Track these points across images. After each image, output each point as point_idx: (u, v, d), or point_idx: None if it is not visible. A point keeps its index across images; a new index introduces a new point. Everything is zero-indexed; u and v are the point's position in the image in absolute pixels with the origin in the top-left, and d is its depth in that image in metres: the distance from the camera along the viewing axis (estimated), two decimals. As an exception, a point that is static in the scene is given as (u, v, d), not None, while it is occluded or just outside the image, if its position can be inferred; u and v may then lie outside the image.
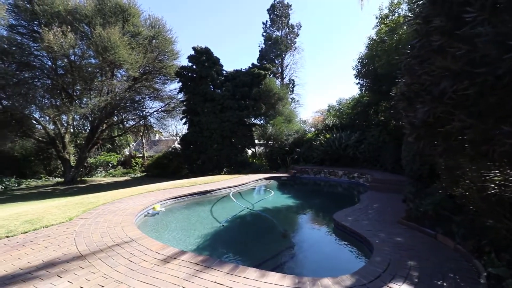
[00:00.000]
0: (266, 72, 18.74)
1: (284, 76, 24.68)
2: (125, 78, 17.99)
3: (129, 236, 4.39)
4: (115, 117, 20.83)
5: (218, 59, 19.17)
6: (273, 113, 18.53)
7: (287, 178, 12.99)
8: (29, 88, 14.86)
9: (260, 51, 23.63)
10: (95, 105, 15.20)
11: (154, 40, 18.45)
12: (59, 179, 19.97)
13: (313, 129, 18.53)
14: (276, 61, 23.84)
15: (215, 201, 8.21)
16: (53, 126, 18.69)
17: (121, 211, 6.04)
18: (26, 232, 4.54)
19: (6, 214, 5.58)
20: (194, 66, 18.43)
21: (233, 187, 9.74)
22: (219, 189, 9.24)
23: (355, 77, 13.20)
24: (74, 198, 8.25)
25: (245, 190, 10.06)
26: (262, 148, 20.65)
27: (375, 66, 10.82)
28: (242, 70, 19.82)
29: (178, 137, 33.47)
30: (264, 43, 24.03)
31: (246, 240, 5.33)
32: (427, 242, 4.29)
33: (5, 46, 13.42)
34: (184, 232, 5.41)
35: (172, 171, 19.05)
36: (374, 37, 11.55)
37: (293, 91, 24.01)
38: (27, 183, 18.32)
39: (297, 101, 23.82)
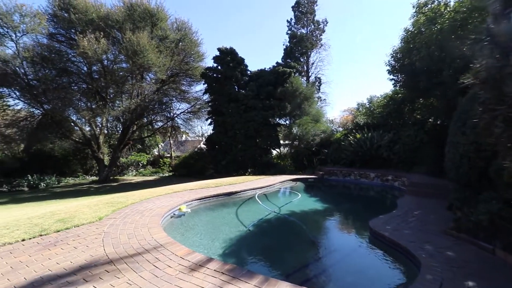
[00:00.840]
0: (291, 70, 18.30)
1: (310, 74, 24.01)
2: (153, 81, 18.61)
3: (155, 239, 4.31)
4: (145, 119, 21.64)
5: (242, 59, 19.11)
6: (299, 113, 18.04)
7: (314, 180, 12.49)
8: (67, 92, 15.89)
9: (284, 49, 23.21)
10: (126, 107, 15.86)
11: (180, 43, 18.89)
12: (94, 178, 21.16)
13: (341, 129, 17.75)
14: (302, 59, 23.26)
15: (241, 203, 8.02)
16: (89, 128, 19.86)
17: (148, 212, 6.06)
18: (58, 231, 4.65)
19: (42, 212, 5.83)
20: (219, 67, 18.53)
21: (258, 188, 9.51)
22: (245, 191, 9.06)
23: (388, 73, 12.32)
24: (106, 197, 8.53)
25: (271, 192, 9.78)
26: (287, 148, 20.23)
27: (412, 60, 9.95)
28: (266, 69, 19.59)
29: (203, 138, 34.18)
30: (288, 41, 23.57)
31: (273, 246, 5.04)
32: (484, 258, 3.70)
33: (46, 53, 14.42)
34: (210, 235, 5.26)
35: (198, 171, 19.32)
36: (411, 29, 10.65)
37: (319, 89, 23.26)
38: (66, 181, 19.64)
39: (324, 100, 23.07)
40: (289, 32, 23.72)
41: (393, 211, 6.14)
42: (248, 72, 19.60)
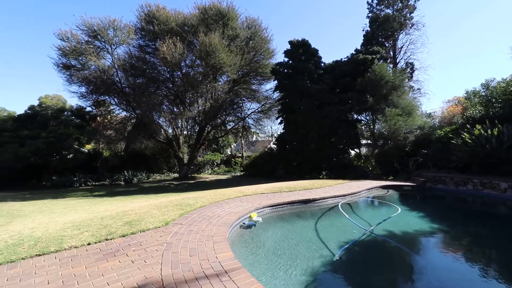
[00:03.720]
0: (374, 57, 15.60)
1: (398, 60, 20.25)
2: (225, 82, 18.89)
3: (219, 261, 3.42)
4: (218, 120, 22.32)
5: (316, 50, 17.46)
6: (384, 106, 15.20)
7: (413, 189, 9.92)
8: (153, 97, 17.50)
9: (364, 35, 20.26)
10: (200, 110, 16.45)
11: (250, 41, 18.58)
12: (175, 175, 23.03)
13: (443, 124, 14.07)
14: (386, 44, 19.84)
15: (320, 213, 6.62)
16: (171, 130, 21.66)
17: (216, 219, 5.35)
18: (124, 236, 4.32)
19: (116, 212, 5.82)
20: (290, 61, 17.36)
21: (340, 196, 7.88)
22: (324, 198, 7.58)
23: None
24: (179, 197, 8.45)
25: (356, 201, 7.99)
26: (369, 148, 17.48)
27: None
28: (343, 59, 17.37)
29: (273, 138, 33.71)
30: (369, 26, 20.50)
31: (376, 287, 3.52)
32: None
33: (135, 63, 16.10)
34: (285, 260, 4.09)
35: (268, 171, 18.62)
36: None
37: (412, 77, 19.33)
38: (153, 177, 21.95)
39: (418, 89, 18.99)
40: (369, 15, 20.62)
41: None
42: (322, 64, 17.80)
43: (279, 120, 18.54)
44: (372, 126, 16.86)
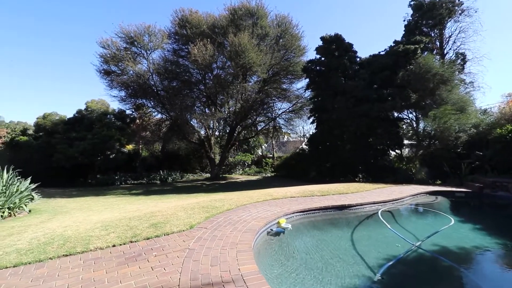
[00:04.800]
0: (417, 47, 14.10)
1: (445, 51, 18.12)
2: (255, 82, 18.69)
3: (241, 274, 3.10)
4: (248, 120, 22.21)
5: (350, 45, 16.43)
6: (431, 102, 13.66)
7: (466, 195, 8.65)
8: (186, 99, 17.97)
9: (405, 25, 18.49)
10: (231, 111, 16.45)
11: (281, 40, 18.13)
12: (207, 175, 23.45)
13: (505, 121, 12.16)
14: (432, 33, 17.87)
15: (356, 222, 5.98)
16: (204, 131, 22.08)
17: (242, 224, 5.07)
18: (148, 239, 4.24)
19: (145, 213, 5.85)
20: (322, 58, 16.55)
21: (380, 203, 7.10)
22: (361, 205, 6.88)
23: None
24: (207, 198, 8.38)
25: (398, 209, 7.13)
26: (412, 149, 15.92)
27: None
28: (380, 53, 16.06)
29: (305, 138, 32.74)
30: (411, 15, 18.68)
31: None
32: None
33: (169, 66, 16.65)
34: (316, 275, 3.63)
35: (299, 173, 17.98)
36: None
37: (463, 69, 17.12)
38: (187, 176, 22.60)
39: (470, 82, 16.72)
40: (412, 3, 18.74)
41: None
42: (357, 59, 16.68)
43: (311, 120, 17.80)
44: (415, 125, 15.30)
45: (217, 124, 22.99)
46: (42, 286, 2.82)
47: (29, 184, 7.42)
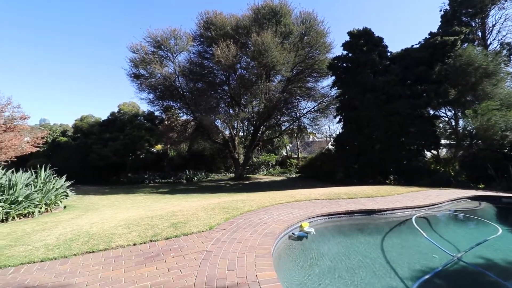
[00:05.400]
0: (457, 38, 12.90)
1: (489, 42, 16.40)
2: (279, 81, 18.42)
3: (258, 282, 2.93)
4: (272, 120, 21.99)
5: (380, 39, 15.55)
6: (472, 98, 12.43)
7: (517, 202, 7.66)
8: (210, 100, 18.22)
9: (442, 16, 17.03)
10: (254, 111, 16.35)
11: (305, 37, 17.68)
12: (232, 175, 23.62)
13: None
14: (472, 23, 16.26)
15: (387, 229, 5.51)
16: (228, 132, 22.29)
17: (262, 227, 4.90)
18: (167, 239, 4.24)
19: (167, 212, 5.91)
20: (350, 54, 15.83)
21: (414, 208, 6.51)
22: (392, 209, 6.36)
23: None
24: (229, 198, 8.32)
25: (433, 215, 6.48)
26: (450, 149, 14.63)
27: None
28: (414, 46, 14.98)
29: (331, 138, 31.77)
30: (448, 4, 17.20)
31: None
32: None
33: (194, 68, 16.98)
34: (341, 286, 3.34)
35: (325, 174, 17.38)
36: None
37: (510, 60, 15.38)
38: (211, 176, 22.96)
39: (519, 75, 14.98)
40: (450, -9, 17.28)
41: None
42: (388, 54, 15.72)
43: (337, 119, 17.11)
44: (454, 123, 14.03)
45: (241, 124, 23.09)
46: (63, 282, 2.88)
47: (64, 182, 7.91)
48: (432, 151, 14.25)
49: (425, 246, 4.53)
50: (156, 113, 22.69)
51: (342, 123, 16.60)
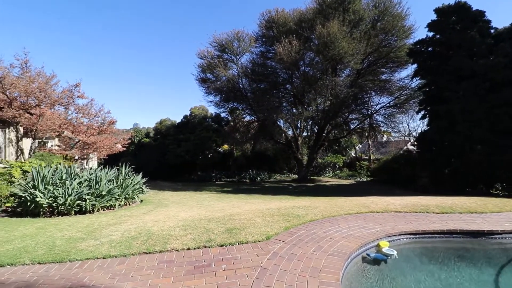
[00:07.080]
0: None
1: None
2: (347, 75, 16.79)
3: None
4: (339, 118, 20.30)
5: (481, 13, 12.47)
6: None
7: None
8: (273, 100, 17.95)
9: None
10: (319, 109, 15.28)
11: (378, 23, 15.60)
12: (294, 176, 22.87)
13: None
14: None
15: (504, 259, 4.01)
16: (291, 132, 21.66)
17: (328, 242, 4.15)
18: (221, 246, 3.95)
19: (224, 214, 5.72)
20: (438, 36, 13.17)
21: (550, 233, 4.63)
22: (511, 232, 4.67)
23: None
24: (290, 203, 7.75)
25: None
26: None
27: None
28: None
29: (411, 137, 27.67)
30: None
31: None
32: None
33: (256, 69, 16.98)
34: None
35: (404, 179, 14.91)
36: None
37: None
38: (274, 177, 22.71)
39: None
40: None
41: None
42: (492, 31, 12.44)
43: (420, 114, 14.45)
44: None
45: (304, 124, 22.10)
46: (115, 285, 2.83)
47: (141, 178, 8.72)
48: None
49: None
50: (222, 115, 23.85)
51: (427, 119, 13.94)
